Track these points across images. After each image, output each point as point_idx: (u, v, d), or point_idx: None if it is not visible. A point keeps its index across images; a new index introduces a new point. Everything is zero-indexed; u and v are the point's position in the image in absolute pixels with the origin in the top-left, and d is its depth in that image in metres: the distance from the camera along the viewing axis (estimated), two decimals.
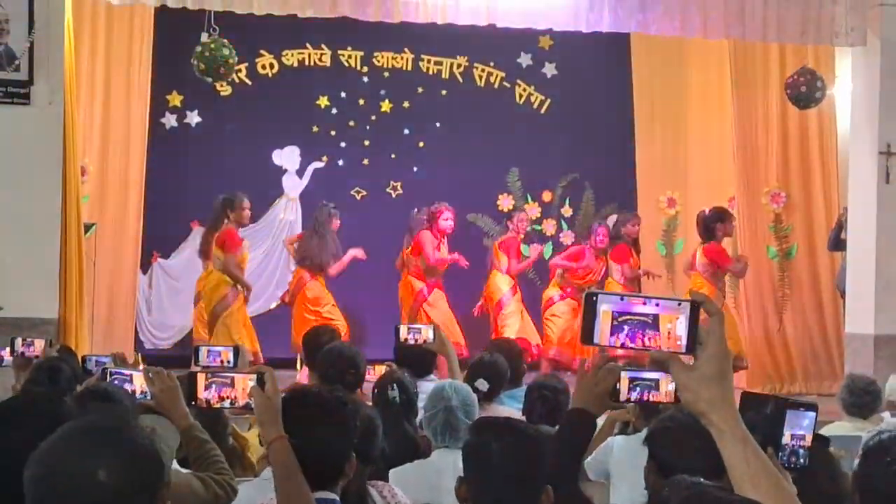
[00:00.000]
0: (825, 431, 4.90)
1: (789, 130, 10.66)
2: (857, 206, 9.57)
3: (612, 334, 1.73)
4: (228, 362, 5.00)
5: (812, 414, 2.88)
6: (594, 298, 1.74)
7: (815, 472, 2.95)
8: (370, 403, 4.50)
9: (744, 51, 10.49)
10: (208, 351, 5.18)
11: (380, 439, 3.42)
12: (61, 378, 4.80)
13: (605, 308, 1.73)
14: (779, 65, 10.50)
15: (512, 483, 2.77)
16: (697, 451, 2.05)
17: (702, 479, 2.44)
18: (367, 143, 11.90)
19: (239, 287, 9.27)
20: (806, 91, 9.25)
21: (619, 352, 1.77)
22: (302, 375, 8.69)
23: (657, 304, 1.73)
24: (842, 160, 10.39)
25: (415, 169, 11.97)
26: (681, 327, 1.72)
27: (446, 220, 10.17)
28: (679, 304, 1.73)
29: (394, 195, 11.87)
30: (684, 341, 1.72)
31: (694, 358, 1.73)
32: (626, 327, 1.72)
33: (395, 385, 4.62)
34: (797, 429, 2.86)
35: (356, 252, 10.07)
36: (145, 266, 11.03)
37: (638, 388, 3.03)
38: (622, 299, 1.74)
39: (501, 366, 5.40)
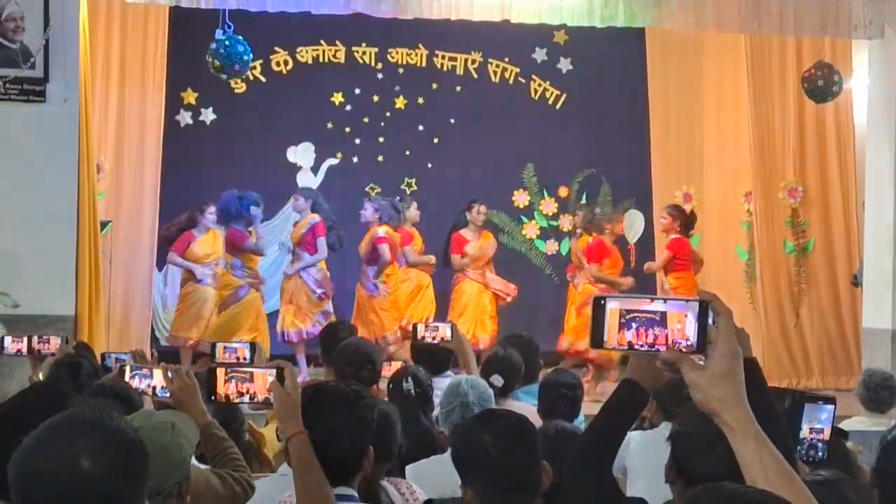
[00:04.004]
0: (842, 427, 4.88)
1: (806, 125, 10.63)
2: (875, 199, 9.53)
3: (619, 332, 1.74)
4: (245, 359, 5.01)
5: (830, 407, 2.87)
6: (602, 302, 1.76)
7: (832, 467, 2.94)
8: (386, 399, 4.50)
9: (760, 45, 10.46)
10: (224, 348, 5.20)
11: (398, 435, 3.42)
12: (81, 374, 4.84)
13: (612, 306, 1.75)
14: (795, 58, 10.46)
15: (515, 468, 2.76)
16: (720, 457, 2.04)
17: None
18: (381, 139, 11.91)
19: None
20: (823, 85, 9.21)
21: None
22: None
23: (665, 303, 1.74)
24: (859, 154, 10.34)
25: (429, 165, 11.97)
26: (689, 326, 1.72)
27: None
28: (687, 303, 1.73)
29: (408, 192, 11.87)
30: (694, 340, 1.72)
31: (704, 357, 1.73)
32: (634, 324, 1.74)
33: (409, 378, 4.62)
34: (815, 422, 2.85)
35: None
36: (161, 263, 11.05)
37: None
38: (630, 298, 1.75)
39: (516, 361, 5.39)
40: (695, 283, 9.74)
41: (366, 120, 11.86)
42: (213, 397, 3.17)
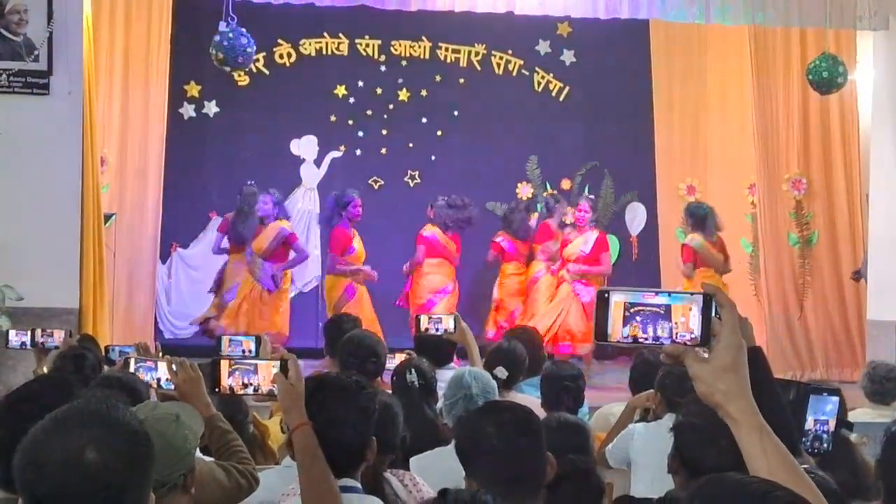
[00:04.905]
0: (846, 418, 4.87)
1: (810, 116, 10.61)
2: (879, 191, 9.52)
3: (624, 325, 1.74)
4: (250, 352, 5.02)
5: (835, 399, 2.87)
6: (606, 295, 1.75)
7: (836, 460, 2.94)
8: (390, 392, 4.49)
9: (764, 36, 10.43)
10: (230, 340, 5.20)
11: (400, 427, 3.42)
12: (86, 366, 4.85)
13: (617, 299, 1.75)
14: (799, 50, 10.44)
15: (519, 460, 2.76)
16: (723, 448, 2.05)
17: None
18: (384, 132, 11.90)
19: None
20: (827, 76, 9.19)
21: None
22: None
23: (669, 296, 1.74)
24: (863, 146, 10.32)
25: (433, 158, 11.95)
26: (694, 319, 1.72)
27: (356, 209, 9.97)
28: (691, 296, 1.73)
29: (412, 184, 11.87)
30: (698, 333, 1.72)
31: (708, 350, 1.73)
32: (638, 318, 1.74)
33: (412, 370, 4.62)
34: (820, 413, 2.85)
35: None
36: (164, 256, 11.07)
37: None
38: (634, 292, 1.75)
39: (519, 353, 5.40)
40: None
41: (369, 112, 11.85)
42: (216, 389, 3.18)
